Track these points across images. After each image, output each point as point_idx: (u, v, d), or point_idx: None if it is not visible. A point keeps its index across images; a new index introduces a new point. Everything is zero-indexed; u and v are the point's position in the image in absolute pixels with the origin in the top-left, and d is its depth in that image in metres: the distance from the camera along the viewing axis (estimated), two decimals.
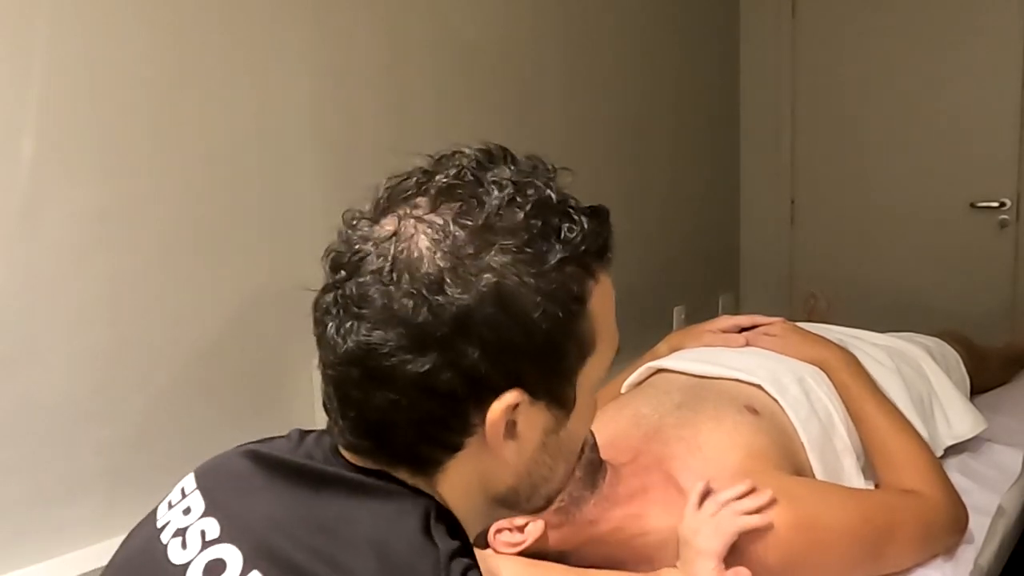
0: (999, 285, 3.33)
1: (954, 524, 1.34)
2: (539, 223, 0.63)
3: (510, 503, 0.71)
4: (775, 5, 3.62)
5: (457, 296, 0.60)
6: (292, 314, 1.88)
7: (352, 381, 0.64)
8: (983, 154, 3.31)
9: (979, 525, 1.43)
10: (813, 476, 1.38)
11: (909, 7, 3.37)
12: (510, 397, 0.63)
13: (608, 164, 2.97)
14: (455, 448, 0.65)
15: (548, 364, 0.65)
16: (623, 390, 1.62)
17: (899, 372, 1.66)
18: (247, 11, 1.81)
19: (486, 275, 0.61)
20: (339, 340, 0.63)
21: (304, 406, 1.97)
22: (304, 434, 0.73)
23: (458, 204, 0.63)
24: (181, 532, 0.68)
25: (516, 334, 0.62)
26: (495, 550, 1.17)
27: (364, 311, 0.62)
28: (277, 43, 1.88)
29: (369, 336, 0.62)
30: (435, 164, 0.67)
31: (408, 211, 0.64)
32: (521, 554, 1.18)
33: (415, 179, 0.66)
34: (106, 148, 1.59)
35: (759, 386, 1.45)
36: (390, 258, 0.62)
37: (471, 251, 0.61)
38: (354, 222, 0.66)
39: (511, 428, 0.65)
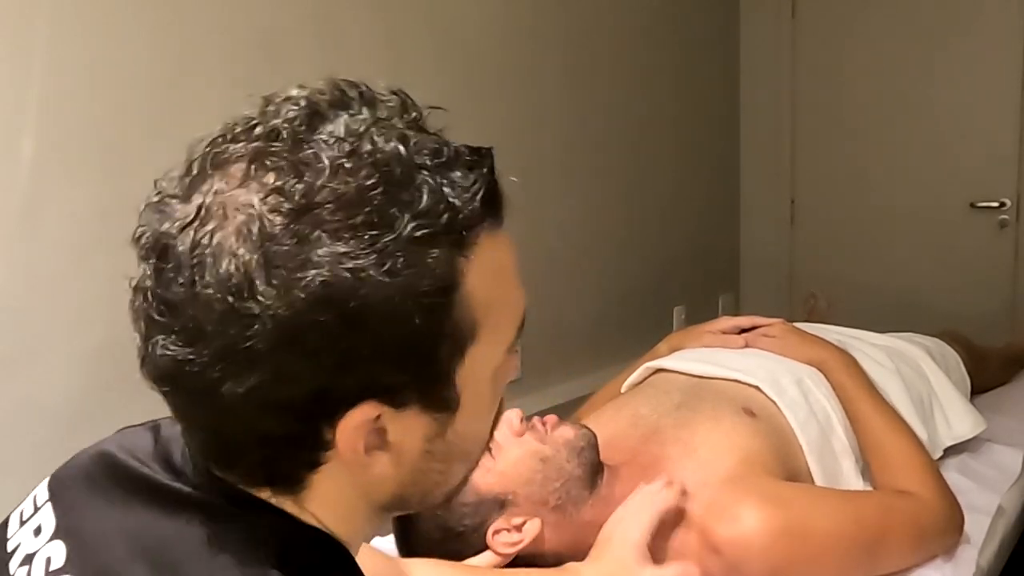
0: (999, 285, 3.33)
1: (949, 526, 1.34)
2: (379, 192, 0.48)
3: (401, 507, 0.60)
4: (775, 5, 3.62)
5: (272, 302, 0.47)
6: None
7: (174, 403, 0.54)
8: (983, 154, 3.31)
9: (979, 525, 1.43)
10: (811, 478, 1.38)
11: (909, 7, 3.37)
12: (361, 413, 0.51)
13: (608, 164, 2.97)
14: (313, 465, 0.54)
15: (411, 370, 0.52)
16: (623, 390, 1.62)
17: (899, 373, 1.66)
18: (247, 11, 1.81)
19: (310, 272, 0.47)
20: (148, 353, 0.52)
21: None
22: (174, 425, 0.62)
23: (273, 175, 0.49)
24: (29, 559, 0.58)
25: (359, 341, 0.49)
26: (494, 551, 1.17)
27: (166, 320, 0.50)
28: (277, 43, 1.88)
29: (173, 351, 0.50)
30: (262, 115, 0.53)
31: (216, 184, 0.50)
32: (519, 554, 1.18)
33: (232, 135, 0.52)
34: (106, 148, 1.59)
35: (758, 387, 1.46)
36: (190, 249, 0.49)
37: (289, 241, 0.47)
38: (158, 197, 0.53)
39: (380, 438, 0.53)
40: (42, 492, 0.63)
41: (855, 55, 3.50)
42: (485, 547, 1.18)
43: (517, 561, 1.19)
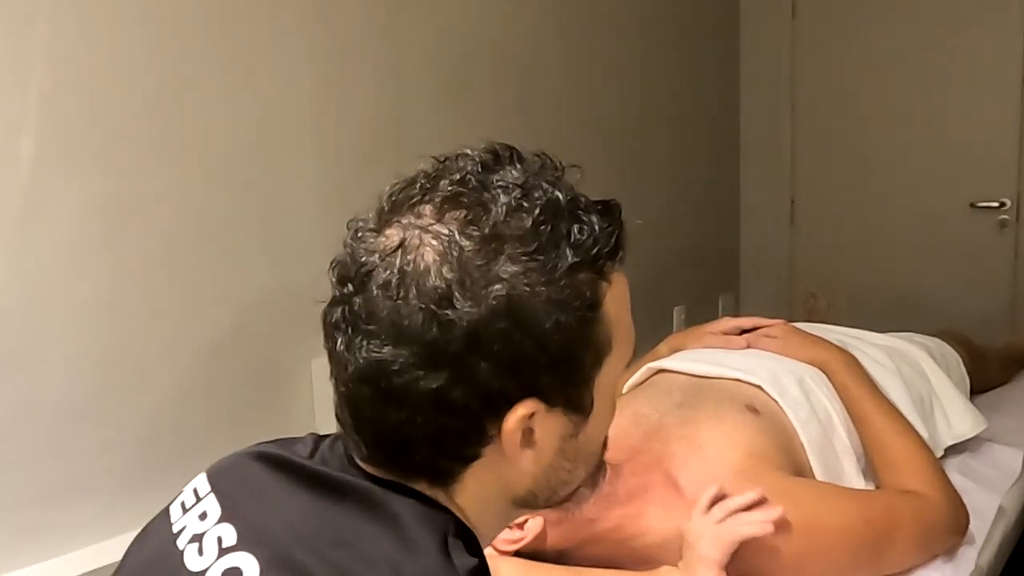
0: (999, 285, 3.33)
1: (954, 525, 1.34)
2: (548, 228, 0.61)
3: (529, 505, 0.70)
4: (775, 5, 3.62)
5: (467, 310, 0.59)
6: (293, 315, 1.89)
7: (364, 399, 0.63)
8: (983, 154, 3.31)
9: (979, 525, 1.43)
10: (813, 477, 1.38)
11: (909, 7, 3.37)
12: (524, 408, 0.62)
13: (608, 164, 2.97)
14: (472, 459, 0.64)
15: (563, 373, 0.63)
16: (624, 390, 1.62)
17: (899, 373, 1.66)
18: (247, 11, 1.81)
19: (496, 287, 0.59)
20: (349, 357, 0.62)
21: (304, 407, 1.97)
22: (319, 439, 0.72)
23: (464, 212, 0.61)
24: (198, 538, 0.67)
25: (529, 346, 0.60)
26: (495, 548, 1.17)
27: (373, 327, 0.61)
28: (277, 42, 1.88)
29: (379, 353, 0.60)
30: (439, 168, 0.65)
31: (413, 220, 0.62)
32: (519, 552, 1.18)
33: (419, 185, 0.64)
34: (106, 148, 1.59)
35: (759, 387, 1.46)
36: (396, 271, 0.60)
37: (480, 262, 0.60)
38: (358, 233, 0.64)
39: (528, 436, 0.64)
40: (202, 484, 0.72)
41: (855, 55, 3.50)
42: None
43: (517, 557, 1.19)
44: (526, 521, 1.18)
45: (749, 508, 1.17)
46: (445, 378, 0.60)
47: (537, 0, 2.65)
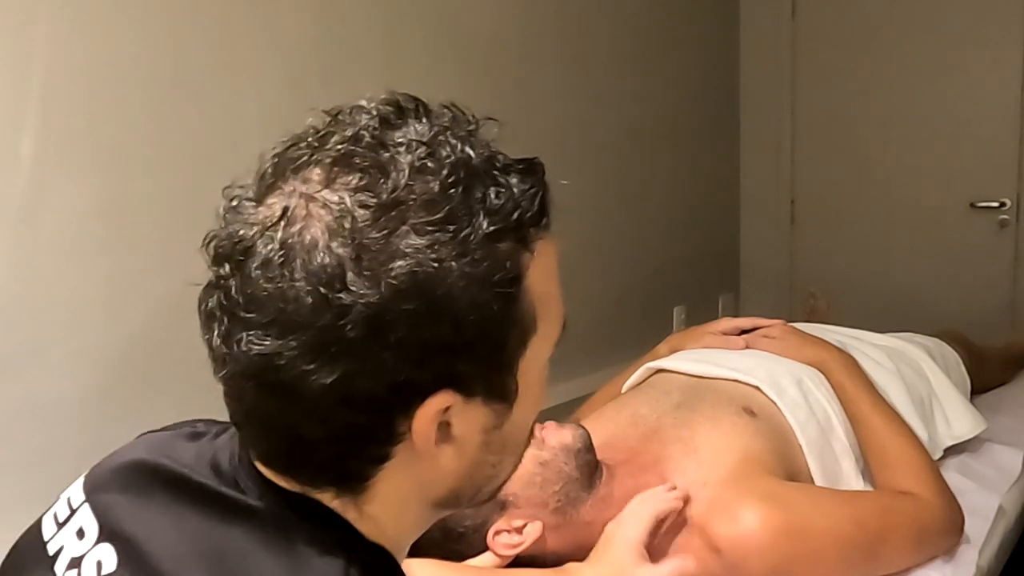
0: (999, 285, 3.33)
1: (949, 526, 1.34)
2: (459, 191, 0.53)
3: (451, 505, 0.63)
4: (775, 5, 3.62)
5: (364, 291, 0.50)
6: None
7: (249, 397, 0.54)
8: (983, 154, 3.31)
9: (979, 526, 1.43)
10: (811, 478, 1.38)
11: (909, 7, 3.37)
12: (438, 401, 0.54)
13: (608, 164, 2.97)
14: (381, 461, 0.56)
15: (482, 358, 0.55)
16: (623, 390, 1.62)
17: (899, 373, 1.66)
18: (246, 10, 1.81)
19: (398, 263, 0.50)
20: (227, 350, 0.53)
21: None
22: (220, 431, 0.64)
23: (358, 176, 0.52)
24: (76, 563, 0.59)
25: (441, 329, 0.52)
26: (495, 552, 1.17)
27: (253, 315, 0.52)
28: (276, 41, 1.88)
29: (262, 345, 0.51)
30: (330, 124, 0.56)
31: (298, 186, 0.53)
32: (520, 555, 1.18)
33: (306, 144, 0.55)
34: (106, 148, 1.59)
35: (757, 387, 1.46)
36: (278, 247, 0.51)
37: (377, 234, 0.51)
38: (234, 202, 0.55)
39: (445, 431, 0.56)
40: (76, 494, 0.64)
41: (855, 55, 3.50)
42: (485, 548, 1.18)
43: (517, 562, 1.19)
44: (525, 525, 1.18)
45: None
46: (342, 371, 0.51)
47: (535, 1, 2.65)
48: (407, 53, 2.19)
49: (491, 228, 0.53)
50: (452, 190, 0.52)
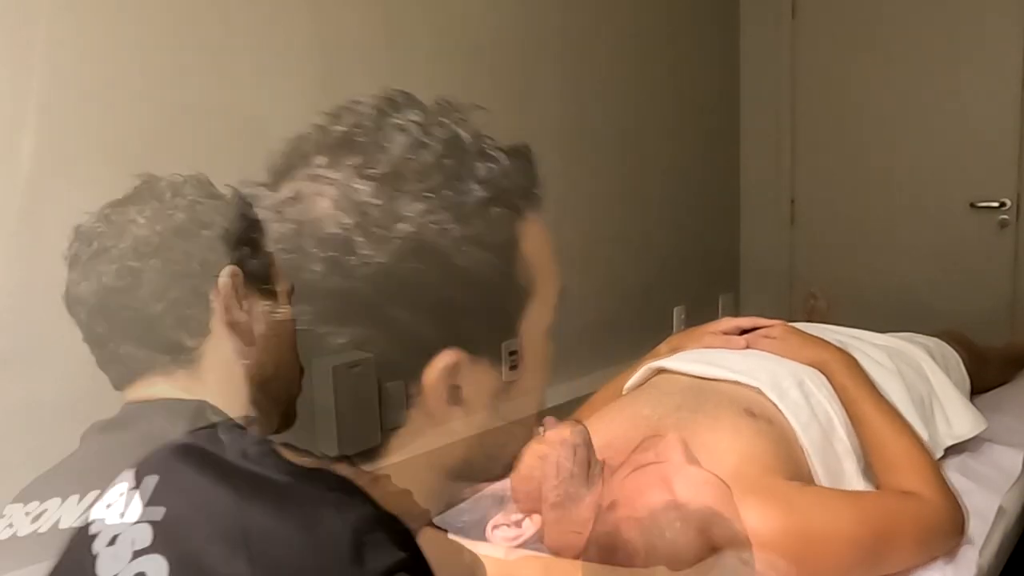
0: (999, 285, 3.33)
1: (952, 527, 1.34)
2: (453, 162, 0.57)
3: (464, 476, 0.64)
4: (775, 5, 3.62)
5: (371, 254, 0.54)
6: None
7: None
8: (983, 154, 3.31)
9: (979, 525, 1.43)
10: (814, 479, 1.38)
11: (909, 8, 3.37)
12: (447, 357, 0.57)
13: (608, 164, 2.97)
14: (395, 425, 0.59)
15: (485, 317, 0.59)
16: (624, 391, 1.62)
17: (900, 373, 1.66)
18: (246, 9, 1.81)
19: (400, 227, 0.55)
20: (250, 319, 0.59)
21: (303, 404, 1.97)
22: (238, 426, 0.68)
23: (359, 156, 0.57)
24: (114, 540, 0.62)
25: (445, 288, 0.56)
26: (493, 545, 1.17)
27: (268, 287, 0.59)
28: (276, 40, 1.88)
29: (280, 314, 0.58)
30: (331, 119, 0.61)
31: (306, 171, 0.58)
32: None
33: (311, 136, 0.61)
34: (106, 148, 1.59)
35: (759, 390, 1.45)
36: (291, 223, 0.57)
37: (378, 202, 0.55)
38: (248, 191, 0.61)
39: (455, 393, 0.58)
40: (128, 478, 0.66)
41: (855, 55, 3.50)
42: (484, 542, 1.18)
43: None
44: (524, 519, 1.18)
45: None
46: (356, 332, 0.55)
47: (535, 1, 2.65)
48: (407, 54, 2.19)
49: (483, 194, 0.57)
50: (446, 160, 0.57)
